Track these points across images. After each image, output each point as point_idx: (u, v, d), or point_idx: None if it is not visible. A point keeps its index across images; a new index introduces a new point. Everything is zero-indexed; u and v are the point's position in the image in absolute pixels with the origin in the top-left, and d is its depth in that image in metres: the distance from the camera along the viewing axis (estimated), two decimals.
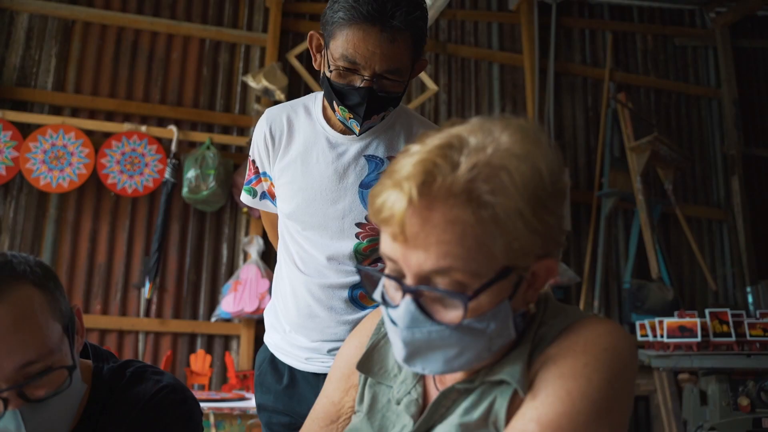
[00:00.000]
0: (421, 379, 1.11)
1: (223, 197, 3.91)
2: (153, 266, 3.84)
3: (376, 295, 1.03)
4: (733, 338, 3.67)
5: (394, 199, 0.92)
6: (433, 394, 1.08)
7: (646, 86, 5.23)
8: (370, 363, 1.16)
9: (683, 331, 3.69)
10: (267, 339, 1.98)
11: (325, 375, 1.78)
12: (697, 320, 3.71)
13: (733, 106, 5.44)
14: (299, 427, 1.31)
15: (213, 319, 3.88)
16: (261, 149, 1.85)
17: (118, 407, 1.28)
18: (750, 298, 5.01)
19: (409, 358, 0.98)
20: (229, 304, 3.74)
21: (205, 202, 3.86)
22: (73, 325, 1.24)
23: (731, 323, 3.72)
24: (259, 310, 3.67)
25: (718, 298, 4.98)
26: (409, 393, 1.09)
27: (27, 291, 1.14)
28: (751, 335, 3.70)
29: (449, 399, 1.03)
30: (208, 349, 3.86)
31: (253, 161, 1.90)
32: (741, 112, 5.48)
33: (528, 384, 0.97)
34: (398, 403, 1.10)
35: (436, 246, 0.91)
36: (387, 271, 0.99)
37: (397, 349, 0.99)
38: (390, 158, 1.74)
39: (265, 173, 1.88)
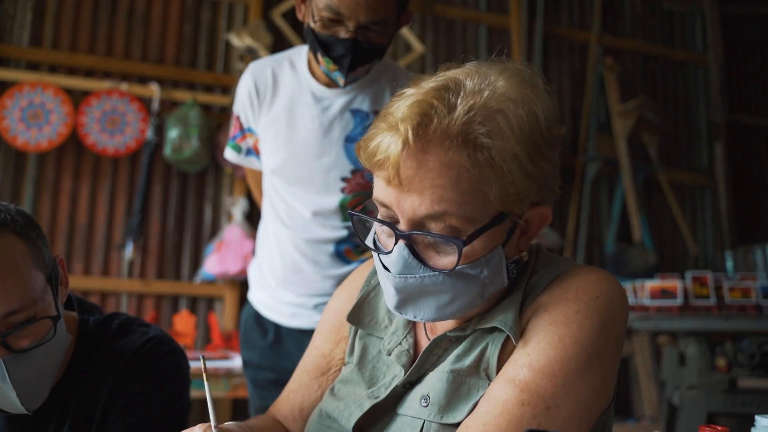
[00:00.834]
0: (411, 329, 1.10)
1: (207, 158, 3.85)
2: (135, 227, 3.80)
3: (368, 241, 1.02)
4: (713, 301, 3.73)
5: (389, 141, 0.90)
6: (424, 344, 1.07)
7: (633, 50, 5.21)
8: (361, 315, 1.15)
9: (665, 294, 3.74)
10: (251, 296, 1.97)
11: (310, 331, 1.78)
12: (678, 283, 3.76)
13: (718, 72, 5.45)
14: (285, 383, 1.31)
15: (197, 280, 3.86)
16: (246, 104, 1.82)
17: (105, 359, 1.27)
18: (729, 263, 5.09)
19: (401, 304, 0.97)
20: (213, 265, 3.72)
21: (188, 162, 3.81)
22: (57, 275, 1.22)
23: (712, 286, 3.77)
24: (244, 271, 3.65)
25: (698, 263, 5.05)
26: (399, 344, 1.09)
27: (8, 240, 1.12)
28: (730, 298, 3.76)
29: (440, 347, 1.03)
30: (192, 311, 3.85)
31: (238, 117, 1.87)
32: (726, 78, 5.49)
33: (520, 332, 0.97)
34: (389, 354, 1.10)
35: (431, 190, 0.90)
36: (380, 216, 0.97)
37: (389, 296, 0.98)
38: (375, 112, 1.72)
39: (250, 129, 1.85)
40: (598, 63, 4.94)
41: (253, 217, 3.90)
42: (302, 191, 1.74)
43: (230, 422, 1.03)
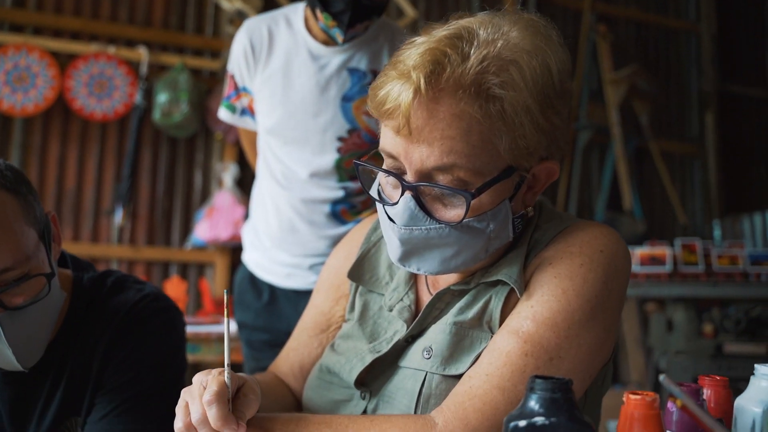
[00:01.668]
0: (413, 285, 1.10)
1: (196, 123, 3.81)
2: (125, 193, 3.76)
3: (373, 192, 1.01)
4: (701, 268, 3.77)
5: (400, 89, 0.88)
6: (426, 300, 1.07)
7: (626, 18, 5.18)
8: (361, 271, 1.15)
9: (654, 261, 3.77)
10: (246, 257, 1.96)
11: (305, 292, 1.78)
12: (668, 250, 3.79)
13: (711, 42, 5.43)
14: (280, 344, 1.31)
15: (187, 246, 3.84)
16: (241, 62, 1.79)
17: (100, 316, 1.26)
18: (717, 232, 5.13)
19: (405, 257, 0.97)
20: (204, 231, 3.69)
21: (178, 127, 3.76)
22: (49, 232, 1.20)
23: (700, 254, 3.81)
24: (235, 237, 3.64)
25: (686, 231, 5.09)
26: (401, 300, 1.09)
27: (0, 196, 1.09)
28: (718, 265, 3.80)
29: (443, 301, 1.03)
30: (183, 277, 3.84)
31: (233, 76, 1.84)
32: (719, 48, 5.47)
33: (524, 285, 0.97)
34: (390, 310, 1.09)
35: (441, 141, 0.89)
36: (386, 167, 0.96)
37: (392, 248, 0.98)
38: (373, 71, 1.70)
39: (245, 88, 1.82)
40: (591, 30, 4.91)
41: (244, 183, 3.87)
42: (298, 151, 1.72)
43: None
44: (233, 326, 2.89)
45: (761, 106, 5.72)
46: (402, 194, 0.93)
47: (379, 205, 0.99)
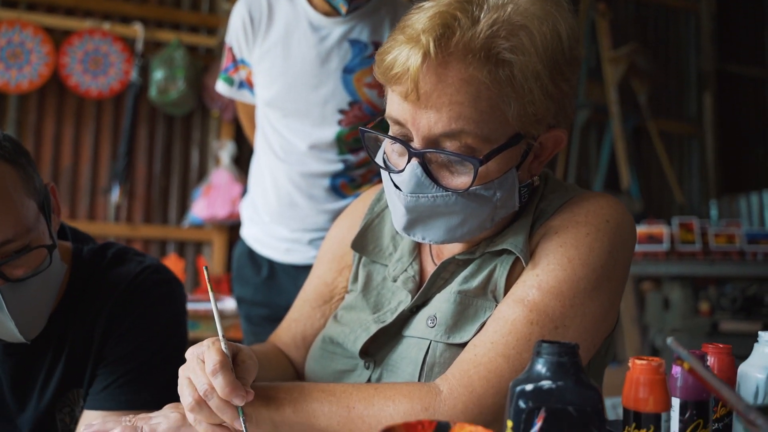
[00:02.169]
0: (417, 256, 1.10)
1: (193, 100, 3.78)
2: (121, 171, 3.74)
3: (378, 160, 1.00)
4: (698, 247, 3.78)
5: (408, 53, 0.87)
6: (430, 270, 1.07)
7: None
8: (365, 242, 1.14)
9: (651, 239, 3.78)
10: (244, 232, 1.95)
11: (305, 266, 1.77)
12: (665, 229, 3.80)
13: (710, 21, 5.40)
14: (279, 319, 1.30)
15: (184, 225, 3.83)
16: (239, 34, 1.76)
17: (101, 287, 1.25)
18: (714, 212, 5.14)
19: (410, 226, 0.96)
20: (201, 209, 3.68)
21: (175, 104, 3.73)
22: (49, 203, 1.18)
23: (697, 232, 3.82)
24: (232, 216, 3.63)
25: (683, 211, 5.09)
26: (405, 270, 1.08)
27: None
28: (715, 244, 3.81)
29: (448, 271, 1.03)
30: (180, 255, 3.83)
31: (231, 48, 1.82)
32: (718, 27, 5.44)
33: (529, 254, 0.97)
34: (394, 281, 1.09)
35: (449, 107, 0.88)
36: (392, 134, 0.95)
37: (397, 217, 0.97)
38: (374, 43, 1.68)
39: (243, 60, 1.80)
40: (590, 8, 4.87)
41: (241, 160, 3.85)
42: (298, 123, 1.70)
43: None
44: (229, 305, 2.89)
45: (759, 85, 5.71)
46: (408, 161, 0.92)
47: (384, 173, 0.98)
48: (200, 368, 0.88)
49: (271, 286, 1.88)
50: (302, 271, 1.78)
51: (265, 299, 1.89)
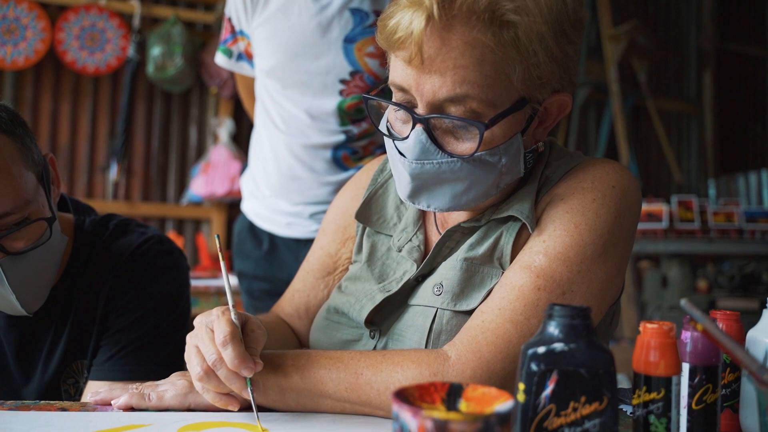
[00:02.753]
0: (421, 226, 1.09)
1: (191, 77, 3.75)
2: (119, 148, 3.72)
3: (382, 127, 0.99)
4: (697, 225, 3.79)
5: (411, 17, 0.86)
6: (435, 239, 1.06)
7: None
8: (369, 213, 1.13)
9: (650, 217, 3.78)
10: (245, 207, 1.94)
11: (306, 240, 1.77)
12: (664, 207, 3.80)
13: None
14: (280, 294, 1.30)
15: (183, 202, 3.82)
16: (238, 5, 1.74)
17: (103, 259, 1.24)
18: (712, 191, 5.14)
19: (415, 193, 0.95)
20: (200, 186, 3.67)
21: (172, 81, 3.70)
22: (48, 175, 1.17)
23: (696, 210, 3.82)
24: (231, 193, 3.61)
25: (681, 190, 5.09)
26: (410, 240, 1.08)
27: None
28: (713, 222, 3.81)
29: (453, 240, 1.02)
30: (179, 233, 3.83)
31: (230, 19, 1.79)
32: (719, 5, 5.41)
33: (535, 221, 0.96)
34: (399, 251, 1.08)
35: (453, 71, 0.87)
36: (396, 101, 0.94)
37: (402, 185, 0.96)
38: (375, 12, 1.66)
39: (242, 32, 1.78)
40: None
41: (239, 138, 3.83)
42: (298, 94, 1.69)
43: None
44: (232, 279, 2.88)
45: (760, 64, 5.68)
46: (413, 128, 0.91)
47: (388, 141, 0.97)
48: (209, 338, 0.87)
49: (272, 260, 1.87)
50: (303, 244, 1.78)
51: (266, 273, 1.88)
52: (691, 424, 0.81)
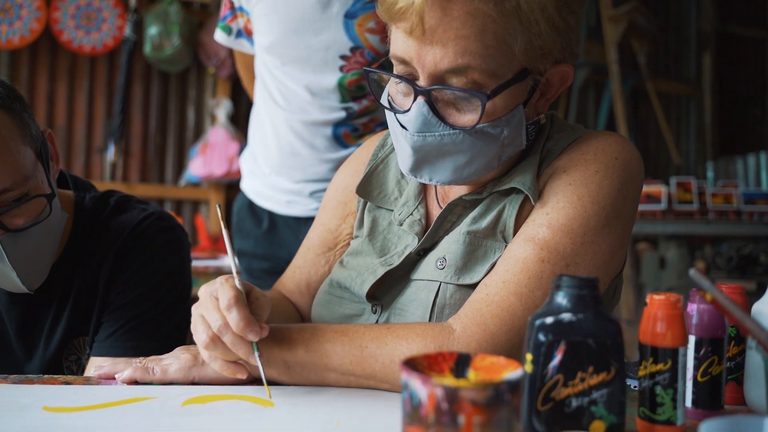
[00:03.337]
0: (422, 200, 1.09)
1: (188, 57, 3.72)
2: (117, 129, 3.69)
3: (383, 100, 0.98)
4: (696, 206, 3.79)
5: None
6: (436, 214, 1.06)
7: None
8: (370, 187, 1.13)
9: (649, 198, 3.78)
10: (244, 185, 1.93)
11: (306, 218, 1.76)
12: (663, 189, 3.80)
13: None
14: (280, 272, 1.29)
15: (181, 183, 3.81)
16: None
17: (104, 235, 1.24)
18: (710, 173, 5.15)
19: (417, 166, 0.95)
20: (198, 167, 3.65)
21: (169, 61, 3.67)
22: (46, 151, 1.16)
23: (695, 192, 3.82)
24: (229, 174, 3.60)
25: (679, 172, 5.10)
26: (411, 214, 1.08)
27: None
28: (712, 204, 3.82)
29: (454, 213, 1.02)
30: (177, 214, 3.82)
31: None
32: None
33: (538, 193, 0.96)
34: (400, 224, 1.08)
35: (455, 42, 0.86)
36: (397, 73, 0.93)
37: (404, 158, 0.96)
38: None
39: (241, 8, 1.76)
40: None
41: (237, 119, 3.81)
42: (298, 70, 1.67)
43: None
44: (228, 262, 2.88)
45: (759, 46, 5.66)
46: (414, 100, 0.90)
47: (389, 114, 0.97)
48: (214, 305, 0.87)
49: (272, 238, 1.87)
50: (303, 223, 1.77)
51: (266, 252, 1.88)
52: (696, 395, 0.82)
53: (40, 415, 0.77)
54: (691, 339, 0.81)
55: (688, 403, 0.82)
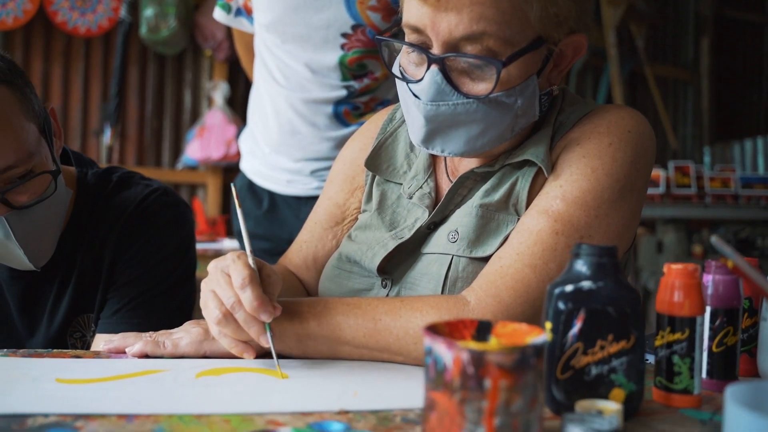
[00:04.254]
0: (432, 173, 1.08)
1: (185, 39, 3.68)
2: (113, 112, 3.66)
3: (394, 70, 0.97)
4: (693, 190, 3.80)
5: None
6: (446, 187, 1.05)
7: None
8: (378, 161, 1.12)
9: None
10: (244, 165, 1.92)
11: (307, 198, 1.75)
12: (661, 173, 3.80)
13: None
14: (281, 253, 1.28)
15: (178, 167, 3.78)
16: None
17: (108, 212, 1.22)
18: (707, 158, 5.15)
19: (429, 137, 0.94)
20: (195, 150, 3.63)
21: (166, 43, 3.64)
22: (50, 127, 1.14)
23: (693, 176, 3.82)
24: (227, 157, 3.58)
25: (676, 157, 5.10)
26: (420, 187, 1.07)
27: None
28: (710, 187, 3.82)
29: (465, 187, 1.01)
30: None
31: None
32: None
33: (551, 165, 0.95)
34: (410, 198, 1.07)
35: (470, 8, 0.85)
36: (411, 41, 0.92)
37: (416, 129, 0.95)
38: None
39: None
40: None
41: (234, 101, 3.78)
42: (298, 48, 1.65)
43: None
44: (227, 245, 2.87)
45: (758, 31, 5.65)
46: (428, 69, 0.89)
47: (401, 85, 0.95)
48: (226, 281, 0.86)
49: (272, 218, 1.86)
50: (304, 202, 1.76)
51: (267, 232, 1.86)
52: (711, 366, 0.82)
53: (54, 386, 0.76)
54: (707, 310, 0.81)
55: (703, 373, 0.82)
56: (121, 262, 1.21)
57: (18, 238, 1.06)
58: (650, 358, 0.86)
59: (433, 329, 0.61)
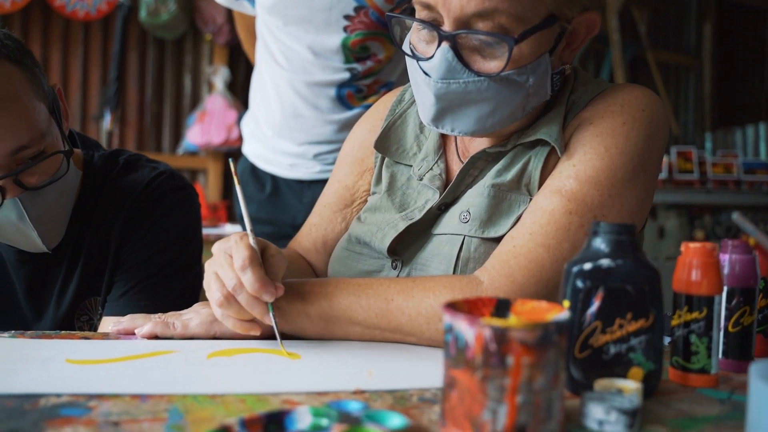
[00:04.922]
0: (442, 155, 1.07)
1: (185, 23, 3.65)
2: (112, 97, 3.64)
3: (405, 47, 0.96)
4: (696, 176, 3.79)
5: None
6: (456, 169, 1.04)
7: None
8: (387, 142, 1.11)
9: None
10: (246, 149, 1.90)
11: (310, 182, 1.74)
12: (664, 158, 3.79)
13: None
14: (284, 237, 1.27)
15: (179, 152, 3.76)
16: None
17: (115, 194, 1.21)
18: (708, 144, 5.14)
19: (439, 116, 0.93)
20: (196, 135, 3.61)
21: (165, 27, 3.61)
22: (58, 107, 1.13)
23: (695, 162, 3.81)
24: (228, 142, 3.56)
25: (678, 143, 5.09)
26: (431, 169, 1.06)
27: (5, 68, 1.01)
28: (712, 173, 3.81)
29: (477, 168, 1.00)
30: None
31: None
32: None
33: (564, 145, 0.94)
34: (420, 179, 1.06)
35: None
36: (421, 18, 0.91)
37: (426, 107, 0.94)
38: None
39: None
40: None
41: (235, 86, 3.76)
42: (301, 31, 1.63)
43: None
44: (228, 230, 2.85)
45: (760, 16, 5.62)
46: (438, 46, 0.88)
47: (411, 62, 0.94)
48: (228, 263, 0.85)
49: (275, 202, 1.84)
50: (307, 186, 1.75)
51: (270, 216, 1.85)
52: (727, 346, 0.81)
53: (64, 366, 0.75)
54: (723, 289, 0.80)
55: (720, 354, 0.81)
56: (129, 245, 1.20)
57: (32, 219, 1.06)
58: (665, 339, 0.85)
59: (453, 306, 0.60)
